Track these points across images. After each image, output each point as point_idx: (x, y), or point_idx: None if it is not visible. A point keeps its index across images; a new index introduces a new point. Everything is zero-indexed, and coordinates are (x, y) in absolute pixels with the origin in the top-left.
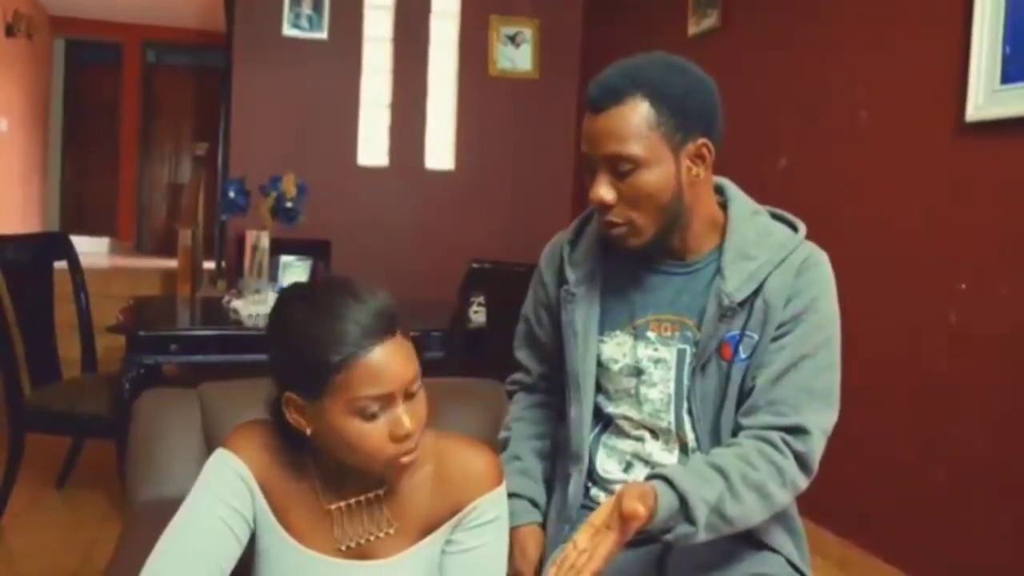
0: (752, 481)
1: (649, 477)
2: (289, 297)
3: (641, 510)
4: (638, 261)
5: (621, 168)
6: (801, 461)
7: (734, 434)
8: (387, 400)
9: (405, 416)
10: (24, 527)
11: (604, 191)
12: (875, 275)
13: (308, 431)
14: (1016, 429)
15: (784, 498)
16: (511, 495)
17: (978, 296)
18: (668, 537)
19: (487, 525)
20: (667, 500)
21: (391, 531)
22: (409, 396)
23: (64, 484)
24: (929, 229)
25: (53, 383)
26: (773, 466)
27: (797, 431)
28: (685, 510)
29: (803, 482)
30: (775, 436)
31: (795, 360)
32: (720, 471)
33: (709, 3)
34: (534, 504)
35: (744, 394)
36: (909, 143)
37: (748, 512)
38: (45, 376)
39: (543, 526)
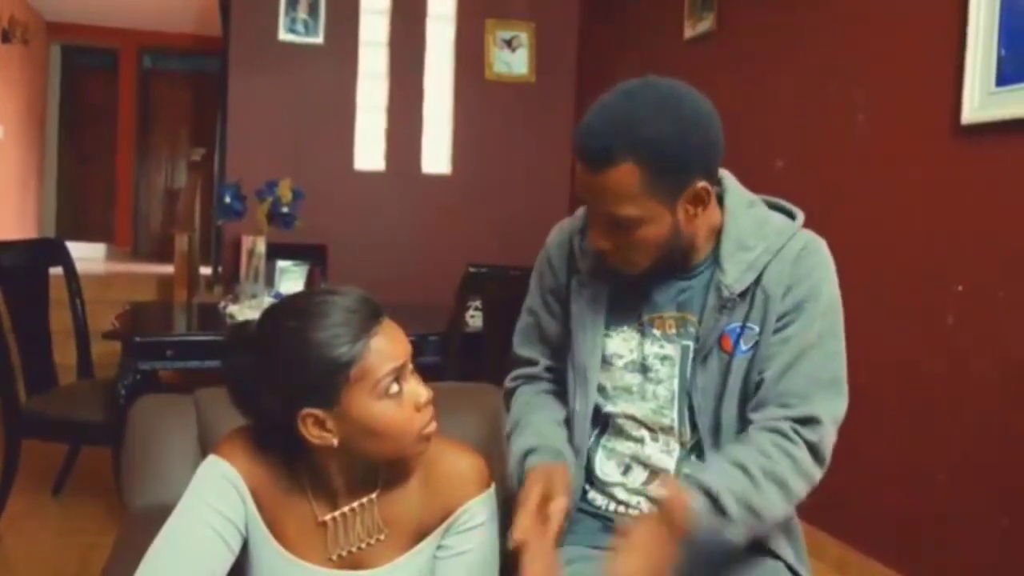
0: (772, 473)
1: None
2: (270, 322)
3: (682, 497)
4: None
5: (618, 224)
6: (814, 451)
7: (743, 429)
8: (401, 373)
9: (419, 386)
10: (21, 534)
11: (602, 241)
12: (872, 277)
13: (335, 442)
14: (1014, 431)
15: (801, 490)
16: (530, 450)
17: (975, 298)
18: (702, 534)
19: (478, 528)
20: (698, 501)
21: (382, 537)
22: (412, 372)
23: (61, 491)
24: (926, 231)
25: (49, 389)
26: (788, 457)
27: (808, 421)
28: (715, 504)
29: (817, 473)
30: (786, 426)
31: (801, 350)
32: (739, 466)
33: (705, 6)
34: (554, 452)
35: (748, 388)
36: (905, 146)
37: (771, 504)
38: (41, 382)
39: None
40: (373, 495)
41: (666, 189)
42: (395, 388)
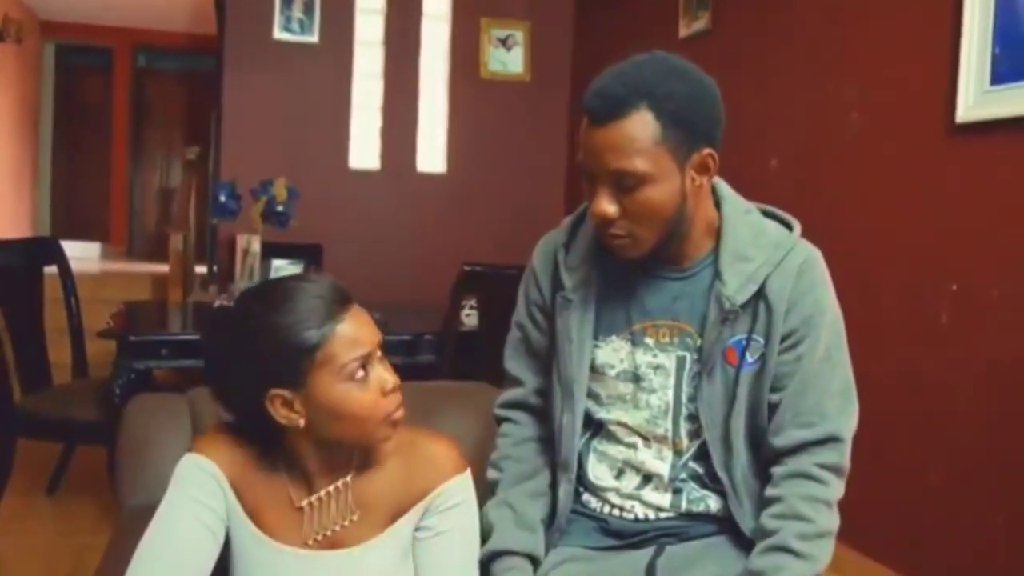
0: (812, 534)
1: None
2: (243, 305)
3: None
4: (634, 266)
5: (625, 183)
6: (839, 472)
7: (753, 441)
8: (368, 360)
9: (386, 372)
10: (15, 534)
11: (607, 206)
12: (866, 276)
13: (302, 422)
14: (1008, 429)
15: (837, 519)
16: (506, 552)
17: (969, 297)
18: None
19: (454, 508)
20: None
21: (355, 518)
22: (381, 359)
23: (55, 490)
24: (920, 230)
25: (44, 388)
26: (821, 503)
27: (830, 440)
28: None
29: (843, 488)
30: (812, 468)
31: (813, 366)
32: (783, 549)
33: (700, 5)
34: (531, 559)
35: (757, 400)
36: (900, 144)
37: (822, 557)
38: (36, 381)
39: None
40: (348, 478)
41: (678, 144)
42: (361, 373)
